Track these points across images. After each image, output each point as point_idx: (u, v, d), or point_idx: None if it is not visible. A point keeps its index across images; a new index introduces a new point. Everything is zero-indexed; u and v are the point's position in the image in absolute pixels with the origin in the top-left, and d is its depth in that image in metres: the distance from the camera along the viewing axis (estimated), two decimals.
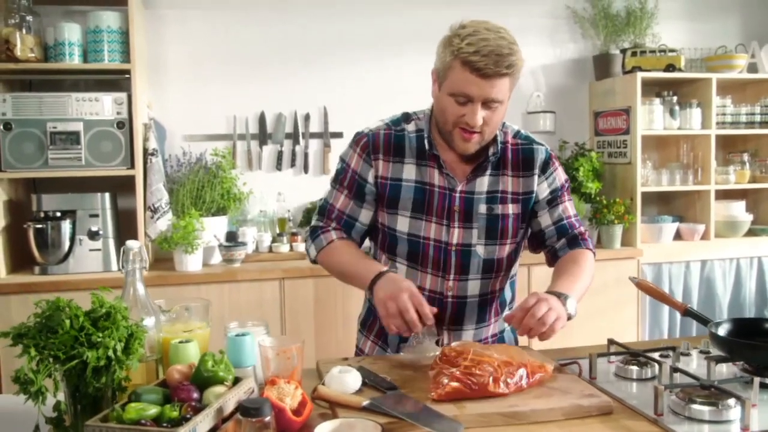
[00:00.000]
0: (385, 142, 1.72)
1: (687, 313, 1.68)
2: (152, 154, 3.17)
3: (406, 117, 1.78)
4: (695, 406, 1.29)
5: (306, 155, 3.74)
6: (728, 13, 4.20)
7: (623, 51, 3.89)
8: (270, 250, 3.53)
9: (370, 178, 1.72)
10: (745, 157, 3.86)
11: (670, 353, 1.61)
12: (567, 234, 1.76)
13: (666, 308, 3.70)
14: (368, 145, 1.73)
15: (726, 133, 3.80)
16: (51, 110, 3.01)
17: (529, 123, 3.89)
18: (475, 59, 1.52)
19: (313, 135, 3.76)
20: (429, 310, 1.52)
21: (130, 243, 1.35)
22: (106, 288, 1.30)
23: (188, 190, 3.34)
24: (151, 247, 3.26)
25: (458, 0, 3.83)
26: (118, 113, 3.07)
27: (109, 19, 3.05)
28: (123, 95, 3.07)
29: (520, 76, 1.63)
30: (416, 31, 3.81)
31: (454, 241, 1.70)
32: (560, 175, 1.78)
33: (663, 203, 4.02)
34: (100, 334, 1.19)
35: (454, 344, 1.52)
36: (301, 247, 3.56)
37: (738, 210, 3.86)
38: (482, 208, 1.70)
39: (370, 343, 1.86)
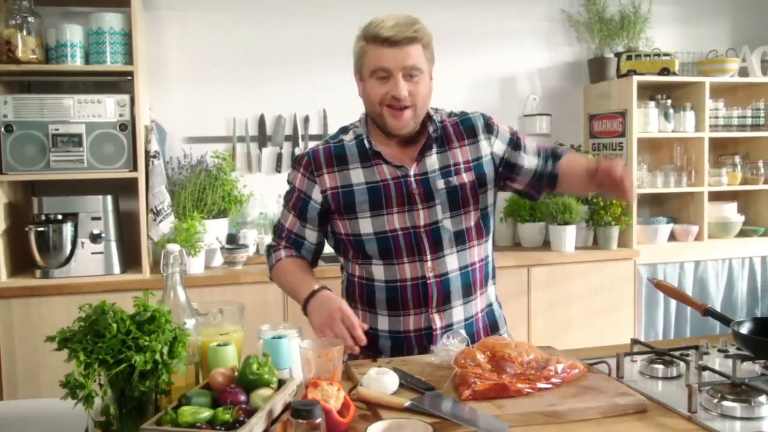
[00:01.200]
0: (326, 156, 1.79)
1: (707, 312, 1.71)
2: (154, 157, 3.15)
3: (344, 129, 1.87)
4: (727, 403, 1.32)
5: None
6: (719, 17, 4.28)
7: (617, 55, 3.94)
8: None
9: (315, 195, 1.79)
10: (737, 159, 3.94)
11: (692, 352, 1.64)
12: (547, 155, 1.86)
13: (661, 309, 3.76)
14: (310, 162, 1.80)
15: (718, 136, 3.87)
16: (52, 112, 2.98)
17: (525, 125, 3.93)
18: (380, 31, 1.66)
19: (313, 137, 3.76)
20: (361, 333, 1.57)
21: (170, 246, 1.35)
22: (149, 292, 1.30)
23: (190, 193, 3.33)
24: (152, 250, 3.24)
25: (456, 4, 3.89)
26: (120, 115, 3.05)
27: (111, 20, 3.04)
28: (126, 97, 3.05)
29: (433, 52, 1.75)
30: None
31: (422, 222, 1.75)
32: (505, 128, 1.87)
33: (657, 205, 4.09)
34: (147, 338, 1.20)
35: (476, 344, 1.55)
36: None
37: (730, 211, 3.93)
38: (440, 184, 1.76)
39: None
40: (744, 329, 1.60)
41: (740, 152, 4.00)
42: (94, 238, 3.07)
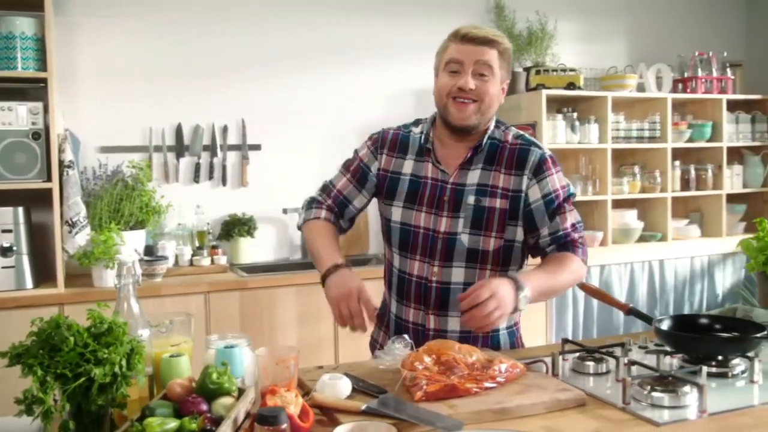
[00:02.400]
0: (392, 140, 1.93)
1: (630, 312, 1.84)
2: (68, 167, 3.05)
3: (416, 122, 1.97)
4: (656, 394, 1.43)
5: (224, 167, 3.71)
6: (617, 36, 4.56)
7: (526, 69, 4.13)
8: (191, 263, 3.47)
9: (374, 169, 1.93)
10: (636, 169, 4.20)
11: (616, 349, 1.76)
12: (560, 241, 1.81)
13: (570, 313, 3.95)
14: (378, 140, 1.95)
15: (620, 147, 4.12)
16: None
17: None
18: (463, 30, 1.78)
19: (231, 147, 3.74)
20: (373, 313, 1.67)
21: (123, 258, 1.34)
22: (104, 304, 1.28)
23: (106, 204, 3.23)
24: (64, 264, 3.12)
25: (371, 16, 3.97)
26: (33, 123, 2.93)
27: (23, 24, 2.92)
28: (39, 105, 2.94)
29: (510, 66, 1.83)
30: (331, 46, 3.88)
31: (442, 229, 1.82)
32: (554, 180, 1.80)
33: None
34: (106, 350, 1.18)
35: (421, 348, 1.61)
36: (222, 260, 3.53)
37: (631, 218, 4.18)
38: (470, 199, 1.81)
39: (381, 334, 2.00)
40: (664, 326, 1.73)
41: (639, 163, 4.27)
42: (5, 252, 2.93)
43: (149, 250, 3.40)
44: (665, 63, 4.31)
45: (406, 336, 1.70)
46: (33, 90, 3.13)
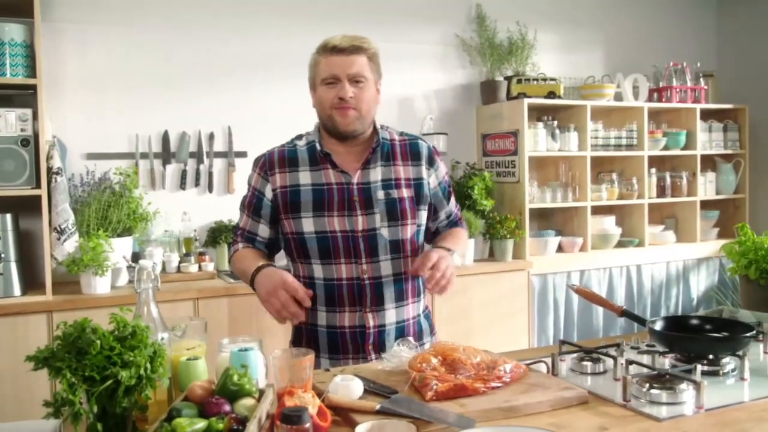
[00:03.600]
0: (280, 158, 1.97)
1: (623, 314, 1.91)
2: (57, 173, 3.04)
3: (299, 136, 2.04)
4: (655, 392, 1.50)
5: (210, 174, 3.72)
6: (594, 47, 4.68)
7: (507, 78, 4.22)
8: (178, 270, 3.48)
9: (268, 193, 1.95)
10: (614, 176, 4.30)
11: (610, 350, 1.83)
12: (452, 220, 2.13)
13: (551, 317, 4.03)
14: (265, 163, 1.98)
15: (598, 155, 4.22)
16: None
17: None
18: (331, 43, 1.88)
19: (218, 154, 3.75)
20: (304, 294, 1.77)
21: (143, 263, 1.36)
22: (127, 308, 1.30)
23: (94, 210, 3.23)
24: (52, 271, 3.10)
25: (355, 26, 4.01)
26: (22, 130, 2.93)
27: (12, 31, 2.91)
28: (28, 111, 2.93)
29: (380, 67, 1.94)
30: None
31: (360, 228, 1.90)
32: (442, 168, 2.07)
33: (544, 218, 4.38)
34: (132, 353, 1.21)
35: (427, 350, 1.66)
36: (210, 266, 3.54)
37: (609, 224, 4.29)
38: (380, 194, 1.92)
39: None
40: (658, 327, 1.80)
41: (616, 170, 4.37)
42: None
43: (136, 257, 3.40)
44: (641, 73, 4.43)
45: (410, 338, 1.75)
46: (18, 97, 3.12)
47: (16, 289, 2.97)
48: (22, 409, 2.85)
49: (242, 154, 3.79)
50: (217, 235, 3.64)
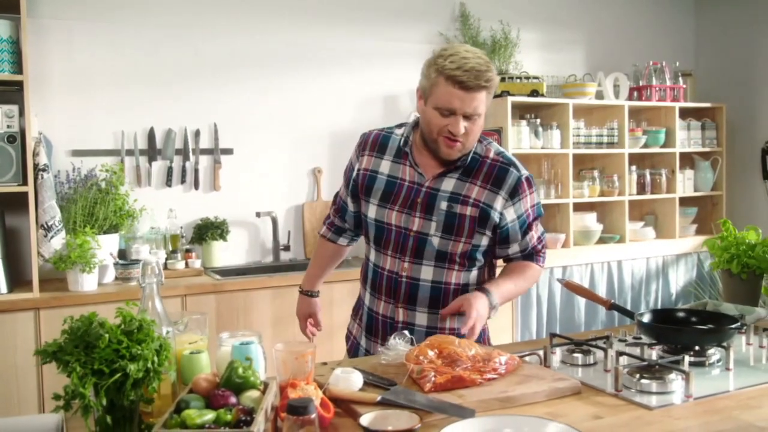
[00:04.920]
0: (374, 141, 2.03)
1: (612, 307, 1.96)
2: (43, 170, 3.03)
3: (400, 125, 2.06)
4: (645, 381, 1.55)
5: (196, 171, 3.73)
6: (576, 46, 4.74)
7: None
8: (165, 267, 3.47)
9: (355, 171, 2.05)
10: (595, 173, 4.37)
11: (599, 342, 1.87)
12: (527, 253, 2.02)
13: (534, 312, 4.09)
14: (362, 142, 2.06)
15: (580, 153, 4.28)
16: None
17: None
18: (458, 74, 1.75)
19: (204, 151, 3.75)
20: (313, 329, 2.32)
21: (147, 258, 1.37)
22: (133, 302, 1.32)
23: (81, 207, 3.22)
24: (38, 268, 3.08)
25: (340, 25, 4.04)
26: (8, 126, 2.91)
27: None
28: (14, 108, 2.92)
29: (494, 92, 1.89)
30: (302, 52, 3.94)
31: (414, 228, 1.93)
32: (527, 201, 1.94)
33: None
34: (139, 347, 1.22)
35: (423, 343, 1.69)
36: (197, 263, 3.54)
37: (590, 221, 4.35)
38: (443, 205, 1.91)
39: (356, 325, 2.16)
40: (646, 319, 1.85)
41: (597, 167, 4.44)
42: None
43: (123, 254, 3.40)
44: (621, 72, 4.50)
45: (406, 332, 1.78)
46: (3, 93, 3.10)
47: (3, 286, 2.95)
48: (9, 406, 2.85)
49: (228, 151, 3.80)
50: (203, 231, 3.64)
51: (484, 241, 1.94)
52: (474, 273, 1.98)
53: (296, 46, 3.92)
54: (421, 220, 1.92)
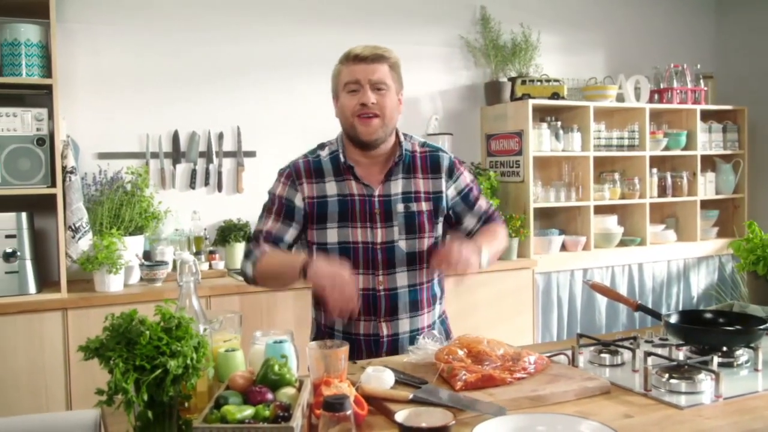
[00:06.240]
0: (306, 169, 1.99)
1: (639, 308, 1.97)
2: (71, 172, 3.08)
3: (321, 146, 2.05)
4: (674, 381, 1.56)
5: (219, 174, 3.76)
6: (596, 48, 4.74)
7: (511, 79, 4.28)
8: None
9: (298, 201, 1.96)
10: (616, 176, 4.36)
11: (629, 343, 1.88)
12: (485, 219, 2.08)
13: (555, 315, 4.09)
14: (291, 174, 1.99)
15: (601, 155, 4.28)
16: None
17: None
18: (353, 52, 1.92)
19: (227, 154, 3.79)
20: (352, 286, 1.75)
21: (184, 257, 1.41)
22: (172, 300, 1.35)
23: (107, 209, 3.26)
24: (65, 269, 3.13)
25: (362, 28, 4.07)
26: (38, 129, 2.96)
27: (28, 32, 2.95)
28: (44, 111, 2.97)
29: (401, 77, 1.98)
30: (324, 54, 3.94)
31: (379, 240, 1.94)
32: (465, 177, 2.06)
33: (547, 218, 4.43)
34: (178, 344, 1.25)
35: (453, 341, 1.71)
36: (220, 264, 3.58)
37: (611, 223, 4.35)
38: (400, 207, 1.95)
39: None
40: (673, 320, 1.85)
41: (618, 170, 4.43)
42: (8, 257, 2.94)
43: (147, 256, 3.44)
44: (642, 74, 4.49)
45: (435, 332, 1.80)
46: (31, 96, 3.15)
47: (32, 286, 3.00)
48: (38, 404, 2.89)
49: (251, 154, 3.83)
50: (226, 234, 3.68)
51: (440, 230, 2.02)
52: None
53: (318, 49, 3.94)
54: (383, 230, 1.94)
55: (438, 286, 2.08)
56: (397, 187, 1.97)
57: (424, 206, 1.97)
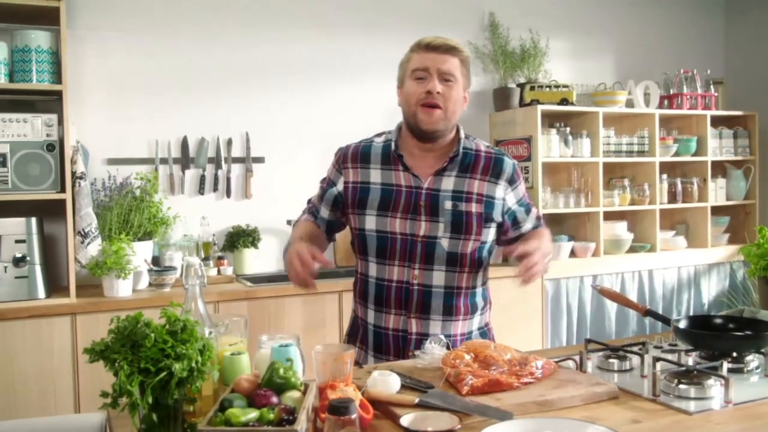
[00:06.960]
0: (353, 153, 2.01)
1: (648, 313, 1.95)
2: (80, 178, 3.10)
3: (379, 134, 2.05)
4: (683, 387, 1.54)
5: (228, 180, 3.77)
6: (605, 54, 4.73)
7: (520, 85, 4.27)
8: None
9: (340, 185, 2.00)
10: (626, 182, 4.34)
11: (638, 348, 1.86)
12: (536, 223, 2.06)
13: (564, 321, 4.07)
14: (341, 157, 2.03)
15: (610, 161, 4.26)
16: None
17: None
18: (425, 40, 1.90)
19: (236, 160, 3.80)
20: (308, 259, 1.78)
21: (190, 260, 1.41)
22: (177, 303, 1.34)
23: (116, 214, 3.28)
24: (75, 274, 3.14)
25: (371, 33, 4.08)
26: (48, 135, 2.98)
27: (38, 38, 2.97)
28: (53, 117, 2.99)
29: (470, 74, 1.96)
30: (333, 60, 3.98)
31: (421, 233, 1.90)
32: (522, 186, 2.05)
33: (556, 224, 4.41)
34: (184, 347, 1.25)
35: (459, 347, 1.70)
36: (228, 270, 3.58)
37: (621, 230, 4.32)
38: (447, 205, 1.90)
39: (357, 349, 2.00)
40: (682, 325, 1.84)
41: (628, 176, 4.42)
42: (18, 262, 2.96)
43: (156, 261, 3.45)
44: (651, 80, 4.47)
45: (441, 336, 1.79)
46: (41, 102, 3.17)
47: (41, 291, 3.01)
48: (47, 407, 2.90)
49: (260, 160, 3.84)
50: (235, 239, 3.69)
51: (491, 237, 1.97)
52: (480, 275, 2.00)
53: (326, 55, 3.96)
54: (427, 224, 1.90)
55: (482, 297, 2.03)
56: (449, 183, 1.91)
57: (474, 207, 1.91)
